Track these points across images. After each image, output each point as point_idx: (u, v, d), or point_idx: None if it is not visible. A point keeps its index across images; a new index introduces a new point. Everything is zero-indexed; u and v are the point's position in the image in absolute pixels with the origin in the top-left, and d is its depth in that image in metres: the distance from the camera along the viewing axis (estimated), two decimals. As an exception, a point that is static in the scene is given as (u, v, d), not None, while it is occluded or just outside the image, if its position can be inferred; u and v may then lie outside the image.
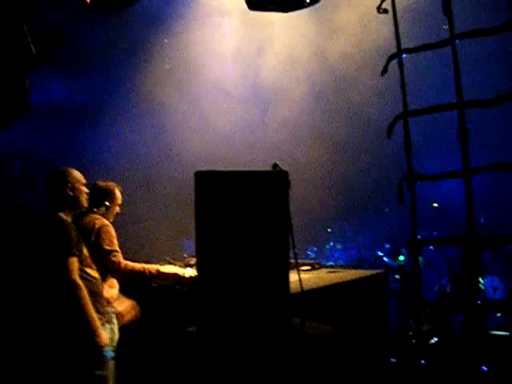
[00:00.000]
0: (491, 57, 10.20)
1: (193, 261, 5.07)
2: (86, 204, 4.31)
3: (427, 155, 9.23)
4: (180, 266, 5.27)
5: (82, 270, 4.00)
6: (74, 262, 3.89)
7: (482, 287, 8.42)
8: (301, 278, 3.71)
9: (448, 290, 9.30)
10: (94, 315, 3.88)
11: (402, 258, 11.06)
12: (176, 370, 4.23)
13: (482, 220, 12.33)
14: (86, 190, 4.30)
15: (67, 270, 3.83)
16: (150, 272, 4.65)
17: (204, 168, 3.37)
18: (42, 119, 8.23)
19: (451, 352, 7.07)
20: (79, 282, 3.86)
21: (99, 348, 3.87)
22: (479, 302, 4.77)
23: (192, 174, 3.38)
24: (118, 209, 5.06)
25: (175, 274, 4.91)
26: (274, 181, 3.45)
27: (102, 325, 4.03)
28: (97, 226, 4.66)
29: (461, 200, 4.34)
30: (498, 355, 5.74)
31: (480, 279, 8.18)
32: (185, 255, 5.86)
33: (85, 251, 4.12)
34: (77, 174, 4.28)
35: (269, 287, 3.42)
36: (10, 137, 7.85)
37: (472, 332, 4.84)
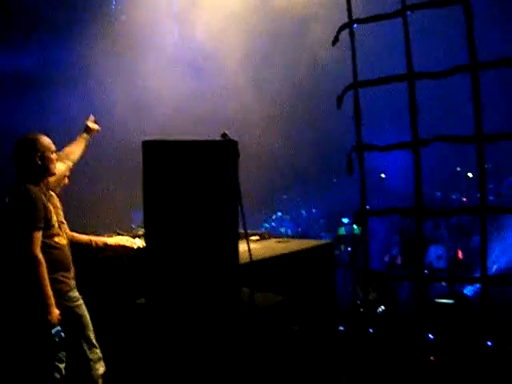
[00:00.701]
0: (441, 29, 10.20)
1: (141, 231, 5.02)
2: (55, 172, 4.19)
3: (378, 126, 9.22)
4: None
5: (49, 240, 3.96)
6: (37, 236, 3.83)
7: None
8: (250, 247, 3.70)
9: (398, 261, 9.50)
10: (50, 293, 3.83)
11: (342, 230, 11.23)
12: (125, 342, 4.20)
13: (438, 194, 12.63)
14: (55, 157, 4.18)
15: (29, 245, 3.78)
16: (96, 244, 4.57)
17: (148, 137, 3.31)
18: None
19: (398, 320, 7.23)
20: (40, 256, 3.81)
21: (49, 325, 3.83)
22: (426, 271, 4.86)
23: (138, 143, 3.31)
24: (66, 180, 4.94)
25: (123, 246, 4.85)
26: (223, 150, 3.40)
27: (68, 292, 4.04)
28: None
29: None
30: (443, 323, 5.88)
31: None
32: (133, 226, 5.80)
33: (54, 219, 4.05)
34: (46, 141, 4.14)
35: (218, 257, 3.40)
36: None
37: (418, 301, 4.95)
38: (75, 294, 4.12)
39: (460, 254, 9.22)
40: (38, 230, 3.85)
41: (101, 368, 4.13)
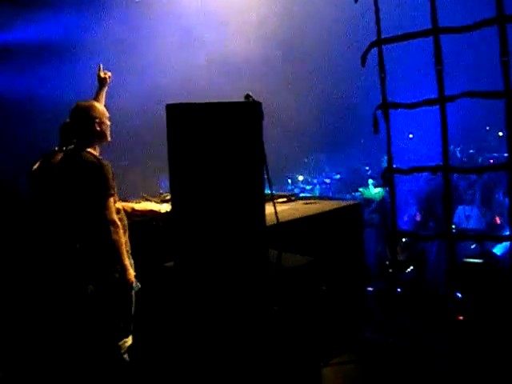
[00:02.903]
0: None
1: (169, 196, 5.05)
2: (109, 138, 4.28)
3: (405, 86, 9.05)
4: (156, 202, 5.25)
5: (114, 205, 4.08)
6: (112, 202, 3.98)
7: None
8: (276, 209, 3.70)
9: (418, 218, 9.44)
10: (126, 253, 4.00)
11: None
12: (154, 305, 4.26)
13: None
14: (109, 123, 4.27)
15: (108, 210, 3.92)
16: (124, 210, 4.62)
17: (175, 100, 3.32)
18: (3, 58, 7.99)
19: (426, 280, 7.22)
20: (118, 221, 3.97)
21: (129, 284, 4.00)
22: (454, 230, 4.83)
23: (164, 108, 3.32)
24: None
25: (151, 211, 4.90)
26: (247, 112, 3.38)
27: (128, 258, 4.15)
28: None
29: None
30: (472, 282, 5.85)
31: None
32: (161, 191, 5.83)
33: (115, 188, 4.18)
34: (101, 107, 4.28)
35: (245, 219, 3.41)
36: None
37: (447, 259, 4.92)
38: (131, 260, 4.18)
39: (498, 219, 9.09)
40: (112, 196, 3.97)
41: (129, 341, 4.18)
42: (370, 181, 11.27)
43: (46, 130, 5.53)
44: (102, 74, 4.75)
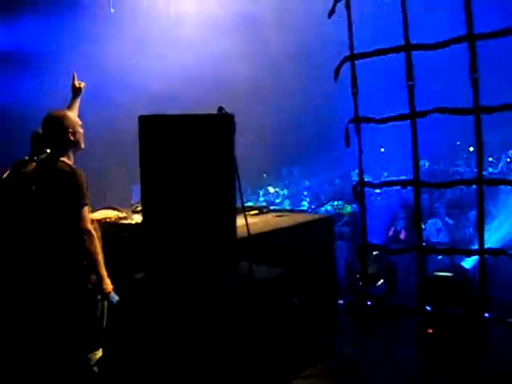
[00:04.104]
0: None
1: (140, 207, 5.03)
2: (83, 146, 4.25)
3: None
4: (127, 213, 5.22)
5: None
6: (87, 212, 3.94)
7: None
8: (248, 222, 3.71)
9: (402, 236, 9.49)
10: (102, 263, 3.95)
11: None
12: (124, 317, 4.22)
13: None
14: (82, 131, 4.24)
15: (83, 220, 3.88)
16: None
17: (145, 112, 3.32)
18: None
19: (397, 293, 7.26)
20: (93, 231, 3.92)
21: (107, 294, 3.95)
22: (424, 244, 4.87)
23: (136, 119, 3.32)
24: None
25: (104, 219, 4.92)
26: (219, 124, 3.39)
27: None
28: None
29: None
30: (441, 295, 5.89)
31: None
32: (132, 202, 5.81)
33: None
34: (74, 117, 4.26)
35: (216, 232, 3.41)
36: None
37: (417, 273, 4.96)
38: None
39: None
40: (87, 205, 3.93)
41: (99, 353, 4.13)
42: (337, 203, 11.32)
43: (16, 138, 5.48)
44: (76, 84, 4.72)
